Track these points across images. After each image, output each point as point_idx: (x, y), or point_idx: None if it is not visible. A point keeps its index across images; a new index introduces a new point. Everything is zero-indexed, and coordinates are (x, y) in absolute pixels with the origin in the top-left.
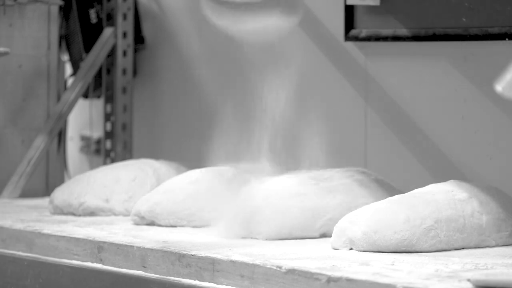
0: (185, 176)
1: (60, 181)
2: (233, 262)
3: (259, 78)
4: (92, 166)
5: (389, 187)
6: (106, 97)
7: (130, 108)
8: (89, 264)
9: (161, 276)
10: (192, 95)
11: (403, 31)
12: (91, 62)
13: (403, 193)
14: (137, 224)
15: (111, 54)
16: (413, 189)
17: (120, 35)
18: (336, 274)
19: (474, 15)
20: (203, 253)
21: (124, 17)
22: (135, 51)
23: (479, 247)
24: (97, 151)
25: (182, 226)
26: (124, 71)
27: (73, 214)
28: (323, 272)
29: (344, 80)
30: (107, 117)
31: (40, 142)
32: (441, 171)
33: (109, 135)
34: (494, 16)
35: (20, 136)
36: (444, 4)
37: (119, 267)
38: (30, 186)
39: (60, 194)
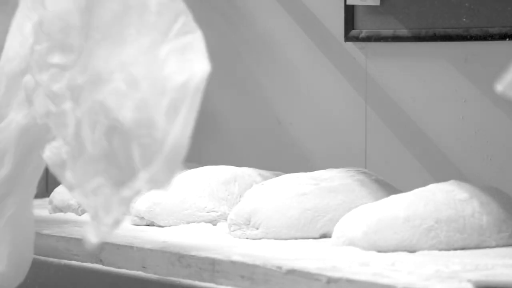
0: (184, 176)
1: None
2: (233, 263)
3: (259, 78)
4: None
5: (389, 187)
6: None
7: None
8: (89, 264)
9: (161, 277)
10: None
11: (403, 31)
12: None
13: (403, 193)
14: (136, 224)
15: None
16: (413, 189)
17: None
18: (336, 274)
19: (475, 15)
20: (203, 254)
21: None
22: None
23: (479, 248)
24: None
25: (182, 226)
26: None
27: (73, 214)
28: (323, 272)
29: (344, 80)
30: None
31: None
32: (441, 171)
33: None
34: (494, 16)
35: None
36: (445, 4)
37: (119, 267)
38: None
39: (60, 195)
